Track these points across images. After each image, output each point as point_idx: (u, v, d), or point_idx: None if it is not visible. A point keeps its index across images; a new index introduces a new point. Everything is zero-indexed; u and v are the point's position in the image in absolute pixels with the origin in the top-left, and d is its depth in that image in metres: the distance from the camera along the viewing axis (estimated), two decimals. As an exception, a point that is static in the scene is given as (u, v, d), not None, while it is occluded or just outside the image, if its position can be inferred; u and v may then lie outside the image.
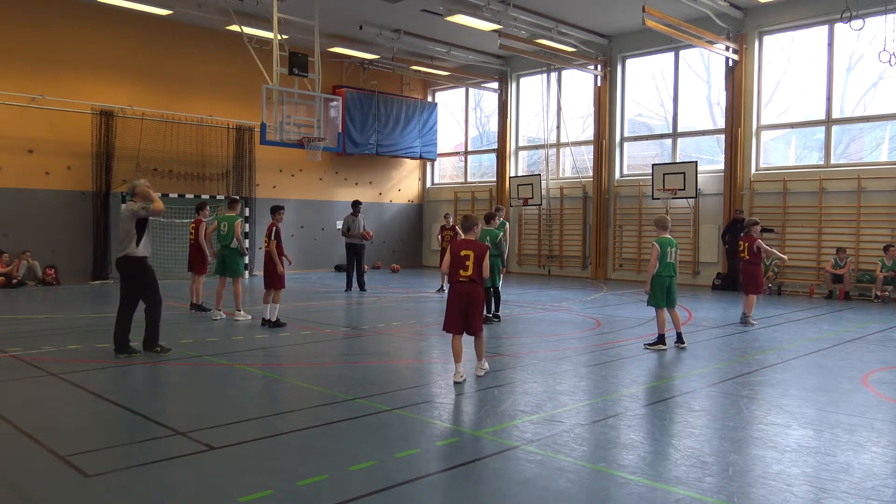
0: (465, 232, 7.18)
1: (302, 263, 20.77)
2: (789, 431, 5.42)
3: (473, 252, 6.83)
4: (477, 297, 6.87)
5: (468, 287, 6.83)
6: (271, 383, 7.16)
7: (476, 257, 6.80)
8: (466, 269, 6.80)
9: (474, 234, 7.15)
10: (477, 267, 6.79)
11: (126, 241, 7.83)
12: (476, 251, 6.84)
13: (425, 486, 4.24)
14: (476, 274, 6.79)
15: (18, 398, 6.33)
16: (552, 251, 21.46)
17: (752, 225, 11.24)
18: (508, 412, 5.85)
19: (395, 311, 12.66)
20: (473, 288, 6.83)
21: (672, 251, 8.89)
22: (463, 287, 6.84)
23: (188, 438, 5.03)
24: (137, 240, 7.81)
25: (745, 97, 17.16)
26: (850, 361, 8.18)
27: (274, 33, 14.42)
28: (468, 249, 6.86)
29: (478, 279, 6.81)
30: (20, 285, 15.55)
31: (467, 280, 6.82)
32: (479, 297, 6.90)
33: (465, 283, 6.83)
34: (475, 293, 6.85)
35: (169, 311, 12.05)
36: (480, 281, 6.84)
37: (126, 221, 7.84)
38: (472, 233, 7.14)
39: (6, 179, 16.23)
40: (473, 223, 7.18)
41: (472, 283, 6.83)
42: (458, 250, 6.90)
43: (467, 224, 7.18)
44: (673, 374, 7.46)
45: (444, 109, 25.04)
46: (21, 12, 16.31)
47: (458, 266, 6.84)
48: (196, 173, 18.94)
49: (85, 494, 4.09)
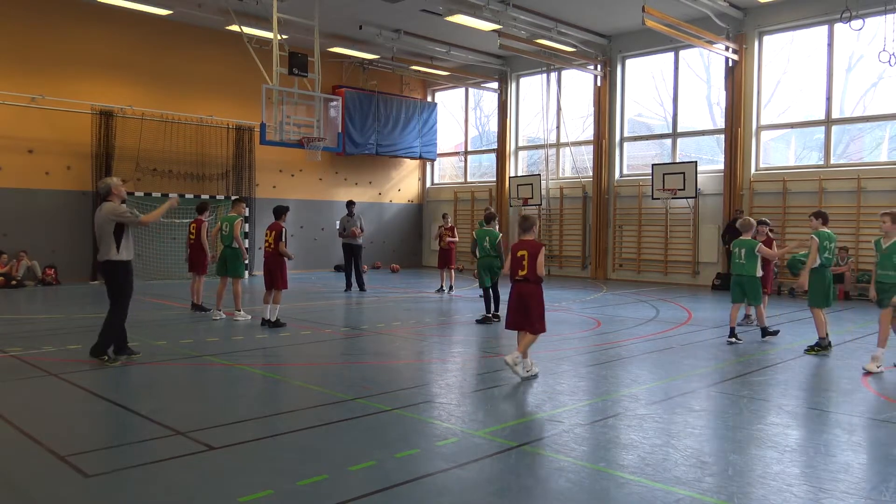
0: (524, 233, 7.33)
1: (302, 263, 20.77)
2: (789, 431, 5.42)
3: (528, 251, 7.06)
4: (533, 295, 7.06)
5: (523, 287, 7.07)
6: (271, 383, 7.16)
7: (530, 256, 7.02)
8: (523, 268, 7.05)
9: (532, 234, 7.31)
10: (531, 265, 7.01)
11: (107, 244, 7.52)
12: (530, 250, 7.06)
13: (425, 486, 4.24)
14: (531, 273, 7.02)
15: (18, 398, 6.33)
16: (552, 251, 21.46)
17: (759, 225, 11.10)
18: (508, 412, 5.85)
19: (395, 311, 12.66)
20: (528, 287, 7.05)
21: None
22: (519, 287, 7.11)
23: (188, 438, 5.03)
24: (118, 244, 7.52)
25: (745, 97, 17.17)
26: (850, 361, 8.18)
27: (274, 33, 14.42)
28: (524, 249, 7.11)
29: (532, 278, 7.04)
30: (20, 285, 15.55)
31: (522, 279, 7.07)
32: (534, 295, 7.07)
33: (521, 282, 7.09)
34: (531, 291, 7.05)
35: (169, 311, 12.07)
36: (535, 280, 7.06)
37: (106, 223, 7.51)
38: (531, 233, 7.30)
39: (6, 179, 16.23)
40: (532, 224, 7.35)
41: (527, 283, 7.04)
42: (516, 251, 7.16)
43: (526, 224, 7.34)
44: (673, 374, 7.46)
45: (444, 109, 25.04)
46: (21, 12, 16.30)
47: (517, 266, 7.10)
48: (196, 173, 18.94)
49: (85, 494, 4.09)
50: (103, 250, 7.61)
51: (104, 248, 7.60)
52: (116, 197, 7.67)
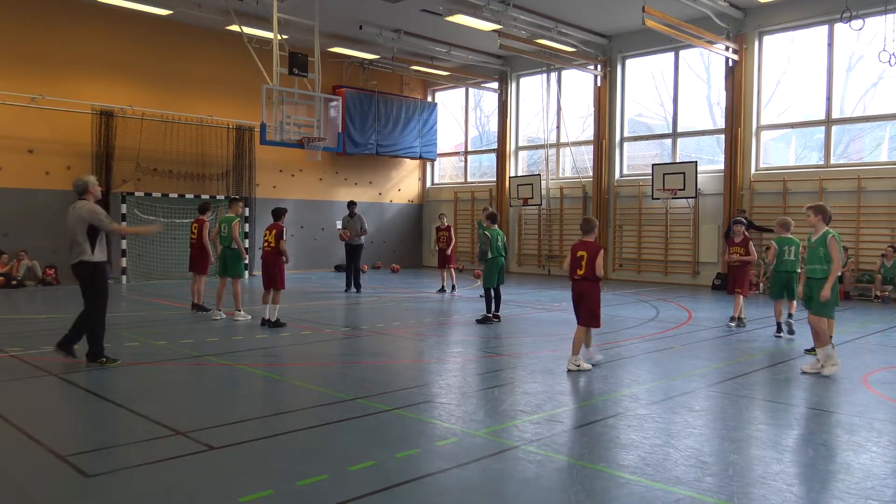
0: (585, 234, 7.69)
1: (302, 263, 20.77)
2: (789, 431, 5.42)
3: (587, 252, 7.49)
4: (590, 293, 7.53)
5: (582, 285, 7.54)
6: (271, 383, 7.16)
7: (589, 256, 7.46)
8: (582, 268, 7.50)
9: (593, 236, 7.66)
10: (590, 265, 7.44)
11: (80, 245, 7.36)
12: (590, 251, 7.49)
13: (425, 486, 4.24)
14: (589, 272, 7.46)
15: (18, 398, 6.33)
16: (552, 251, 21.46)
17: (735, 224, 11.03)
18: (508, 412, 5.85)
19: (395, 311, 12.66)
20: (586, 285, 7.52)
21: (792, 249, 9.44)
22: (577, 285, 7.58)
23: (188, 438, 5.03)
24: (92, 245, 7.37)
25: (745, 97, 17.16)
26: (850, 361, 8.18)
27: (274, 33, 14.42)
28: (583, 250, 7.54)
29: (590, 276, 7.47)
30: (20, 285, 15.55)
31: (580, 278, 7.51)
32: (591, 293, 7.54)
33: (579, 280, 7.54)
34: (588, 289, 7.54)
35: (169, 311, 12.06)
36: (594, 278, 7.48)
37: (81, 223, 7.34)
38: (591, 235, 7.66)
39: (6, 179, 16.23)
40: (593, 226, 7.69)
41: (586, 281, 7.50)
42: (576, 251, 7.60)
43: (587, 227, 7.69)
44: (673, 374, 7.46)
45: (444, 109, 25.04)
46: (21, 12, 16.30)
47: (576, 265, 7.56)
48: (196, 173, 18.94)
49: (85, 494, 4.10)
50: (76, 251, 7.41)
51: (77, 248, 7.39)
52: (91, 196, 7.54)
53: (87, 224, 7.36)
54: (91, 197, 7.55)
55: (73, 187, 7.69)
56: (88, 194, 7.56)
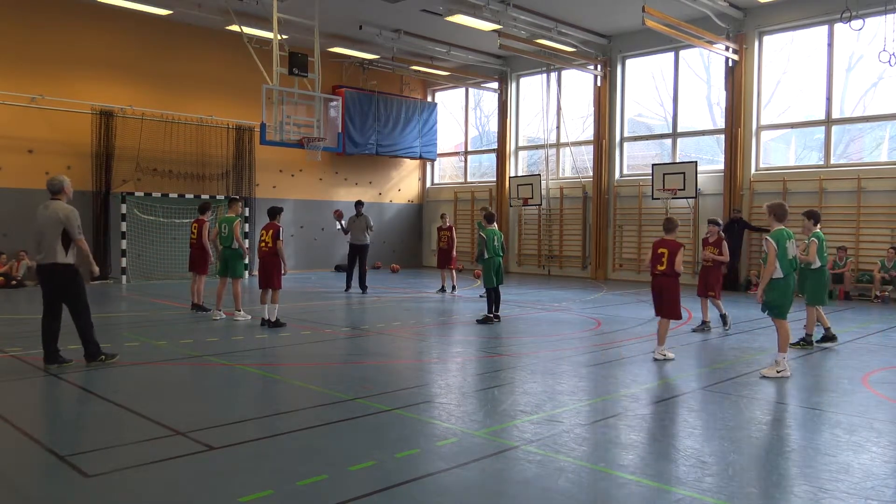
0: (667, 233, 8.22)
1: (302, 263, 20.76)
2: (790, 431, 5.42)
3: (668, 249, 7.99)
4: (669, 288, 8.02)
5: (662, 280, 8.04)
6: (271, 383, 7.16)
7: (670, 253, 7.95)
8: (662, 264, 7.97)
9: (674, 234, 8.18)
10: (670, 262, 7.93)
11: (51, 246, 7.17)
12: (670, 249, 7.99)
13: (425, 486, 4.24)
14: (669, 268, 7.96)
15: (18, 398, 6.33)
16: (552, 251, 21.46)
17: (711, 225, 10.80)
18: (508, 412, 5.85)
19: (395, 311, 12.66)
20: (666, 280, 8.02)
21: None
22: (657, 280, 8.09)
23: (188, 438, 5.03)
24: (66, 246, 7.20)
25: (745, 97, 17.16)
26: (850, 361, 8.18)
27: (274, 33, 14.42)
28: (664, 247, 8.04)
29: (670, 272, 7.97)
30: (20, 285, 15.55)
31: (660, 273, 8.01)
32: (671, 288, 8.02)
33: (659, 276, 8.04)
34: (667, 284, 8.03)
35: (169, 311, 12.07)
36: (673, 274, 7.97)
37: (55, 224, 7.18)
38: (672, 233, 8.18)
39: (6, 179, 16.23)
40: (675, 225, 8.26)
41: (665, 277, 8.00)
42: (657, 248, 8.13)
43: (669, 226, 8.25)
44: (673, 374, 7.46)
45: (444, 109, 25.03)
46: (21, 12, 16.29)
47: (657, 262, 8.05)
48: (196, 173, 18.94)
49: (85, 494, 4.10)
50: (48, 252, 7.21)
51: (49, 250, 7.20)
52: (65, 196, 7.46)
53: (61, 226, 7.23)
54: (65, 197, 7.47)
55: (48, 186, 7.57)
56: (63, 194, 7.46)
